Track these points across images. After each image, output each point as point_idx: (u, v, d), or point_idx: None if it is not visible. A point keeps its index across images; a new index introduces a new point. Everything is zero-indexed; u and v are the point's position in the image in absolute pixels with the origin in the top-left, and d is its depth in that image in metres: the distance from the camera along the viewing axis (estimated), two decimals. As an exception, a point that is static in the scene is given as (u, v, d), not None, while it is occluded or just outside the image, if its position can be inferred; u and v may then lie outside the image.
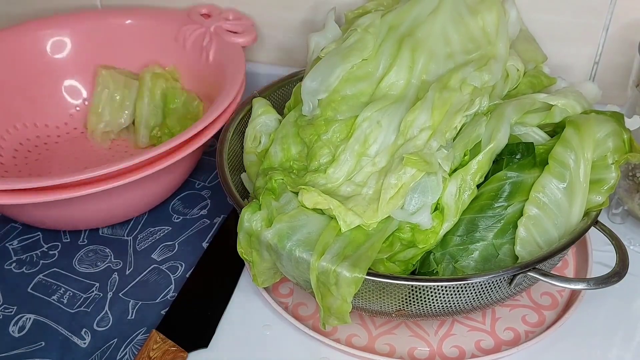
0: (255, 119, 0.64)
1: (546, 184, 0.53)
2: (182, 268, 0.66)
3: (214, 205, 0.73)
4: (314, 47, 0.66)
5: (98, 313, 0.61)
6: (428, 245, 0.53)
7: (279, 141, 0.60)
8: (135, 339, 0.59)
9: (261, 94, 0.68)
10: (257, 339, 0.59)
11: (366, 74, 0.59)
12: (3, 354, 0.58)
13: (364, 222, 0.52)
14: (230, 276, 0.64)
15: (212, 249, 0.67)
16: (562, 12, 0.73)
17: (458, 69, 0.58)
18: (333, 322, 0.52)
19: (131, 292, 0.64)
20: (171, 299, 0.62)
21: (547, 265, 0.53)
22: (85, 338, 0.59)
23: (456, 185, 0.53)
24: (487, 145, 0.54)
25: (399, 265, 0.53)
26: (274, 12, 0.81)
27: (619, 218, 0.70)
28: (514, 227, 0.53)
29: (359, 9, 0.68)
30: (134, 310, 0.62)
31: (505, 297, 0.55)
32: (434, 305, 0.52)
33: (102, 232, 0.70)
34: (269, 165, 0.59)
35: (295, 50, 0.83)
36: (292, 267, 0.52)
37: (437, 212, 0.53)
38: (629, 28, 0.72)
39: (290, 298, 0.62)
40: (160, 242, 0.69)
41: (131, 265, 0.66)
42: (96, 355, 0.58)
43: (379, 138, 0.56)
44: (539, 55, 0.66)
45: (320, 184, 0.55)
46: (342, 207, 0.52)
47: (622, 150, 0.55)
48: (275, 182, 0.56)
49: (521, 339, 0.59)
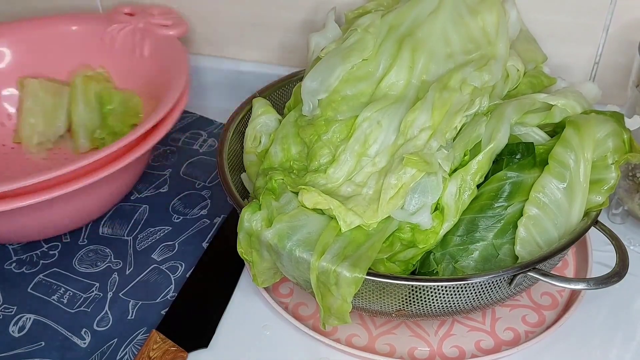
0: (255, 119, 0.64)
1: (546, 184, 0.53)
2: (182, 268, 0.66)
3: (214, 205, 0.73)
4: (314, 47, 0.66)
5: (98, 313, 0.62)
6: (428, 245, 0.53)
7: (279, 141, 0.60)
8: (135, 339, 0.59)
9: (261, 94, 0.68)
10: (257, 339, 0.59)
11: (366, 74, 0.59)
12: (3, 354, 0.58)
13: (364, 222, 0.52)
14: (230, 276, 0.64)
15: (212, 249, 0.67)
16: (562, 12, 0.73)
17: (458, 69, 0.58)
18: (333, 322, 0.52)
19: (131, 292, 0.64)
20: (171, 299, 0.62)
21: (547, 265, 0.53)
22: (85, 338, 0.59)
23: (456, 186, 0.53)
24: (487, 145, 0.54)
25: (399, 265, 0.53)
26: (274, 12, 0.81)
27: (619, 218, 0.70)
28: (514, 227, 0.53)
29: (359, 9, 0.68)
30: (134, 310, 0.62)
31: (505, 297, 0.55)
32: (434, 305, 0.52)
33: (102, 232, 0.70)
34: (269, 165, 0.59)
35: (295, 50, 0.83)
36: (292, 267, 0.52)
37: (437, 212, 0.53)
38: (629, 28, 0.72)
39: (290, 298, 0.62)
40: (160, 242, 0.69)
41: (131, 265, 0.66)
42: (96, 355, 0.58)
43: (379, 138, 0.56)
44: (539, 55, 0.66)
45: (320, 184, 0.55)
46: (343, 207, 0.52)
47: (622, 150, 0.55)
48: (275, 182, 0.56)
49: (521, 339, 0.59)
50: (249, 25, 0.83)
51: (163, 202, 0.74)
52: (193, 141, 0.83)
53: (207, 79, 0.87)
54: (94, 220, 0.71)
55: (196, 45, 0.86)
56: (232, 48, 0.86)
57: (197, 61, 0.87)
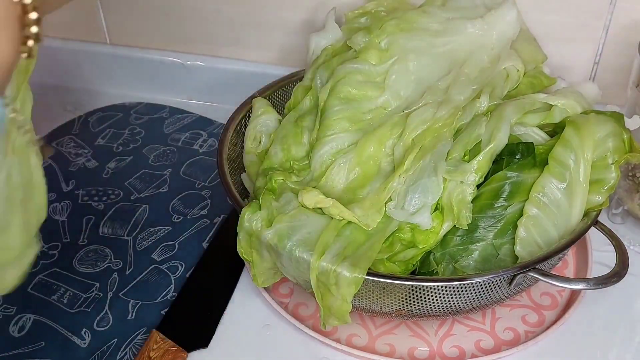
0: (255, 119, 0.64)
1: (546, 184, 0.53)
2: (182, 268, 0.66)
3: (214, 205, 0.73)
4: (314, 47, 0.66)
5: (98, 313, 0.61)
6: (428, 246, 0.53)
7: (279, 141, 0.60)
8: (135, 339, 0.59)
9: (261, 94, 0.68)
10: (257, 339, 0.59)
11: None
12: (3, 354, 0.58)
13: (364, 222, 0.52)
14: (230, 276, 0.64)
15: (212, 248, 0.67)
16: (562, 12, 0.73)
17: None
18: (333, 322, 0.52)
19: (131, 292, 0.64)
20: (171, 299, 0.62)
21: (547, 265, 0.53)
22: (85, 338, 0.59)
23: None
24: (487, 145, 0.54)
25: (399, 265, 0.53)
26: (274, 12, 0.81)
27: (619, 218, 0.70)
28: (513, 227, 0.53)
29: (359, 9, 0.68)
30: (134, 310, 0.62)
31: (505, 297, 0.55)
32: (434, 305, 0.52)
33: (102, 232, 0.70)
34: (269, 166, 0.59)
35: (295, 50, 0.83)
36: (292, 267, 0.52)
37: (437, 212, 0.53)
38: (629, 28, 0.72)
39: (290, 298, 0.62)
40: (160, 242, 0.69)
41: (131, 265, 0.66)
42: (96, 356, 0.58)
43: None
44: (539, 55, 0.66)
45: (321, 185, 0.55)
46: (341, 205, 0.52)
47: (622, 150, 0.55)
48: (275, 182, 0.56)
49: (521, 339, 0.59)
50: (249, 25, 0.83)
51: (163, 202, 0.73)
52: (193, 141, 0.83)
53: (206, 79, 0.87)
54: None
55: (196, 45, 0.86)
56: (232, 48, 0.86)
57: (196, 61, 0.87)
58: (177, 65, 0.87)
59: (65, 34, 0.90)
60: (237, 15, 0.83)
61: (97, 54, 0.90)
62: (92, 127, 0.86)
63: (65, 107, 0.90)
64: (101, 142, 0.83)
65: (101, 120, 0.87)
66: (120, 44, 0.89)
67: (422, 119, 0.56)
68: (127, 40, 0.89)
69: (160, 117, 0.87)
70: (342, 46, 0.64)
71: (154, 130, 0.85)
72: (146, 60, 0.88)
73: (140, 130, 0.85)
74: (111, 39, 0.90)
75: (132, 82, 0.90)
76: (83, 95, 0.91)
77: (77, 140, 0.84)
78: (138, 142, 0.83)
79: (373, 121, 0.58)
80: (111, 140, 0.83)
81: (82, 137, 0.84)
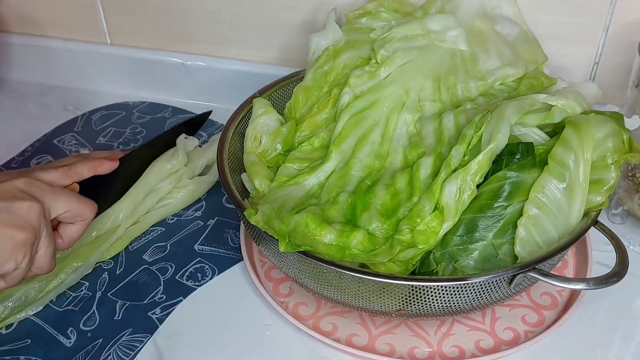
0: (255, 119, 0.64)
1: (546, 184, 0.53)
2: (172, 270, 0.65)
3: (209, 207, 0.73)
4: (315, 48, 0.66)
5: (85, 312, 0.61)
6: (428, 246, 0.53)
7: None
8: (120, 339, 0.59)
9: (261, 94, 0.68)
10: (257, 339, 0.59)
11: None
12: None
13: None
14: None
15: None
16: (562, 12, 0.73)
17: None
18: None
19: (120, 292, 0.63)
20: (159, 301, 0.62)
21: (547, 265, 0.53)
22: (71, 337, 0.59)
23: (456, 186, 0.53)
24: (487, 146, 0.54)
25: (399, 265, 0.53)
26: (274, 12, 0.81)
27: (618, 218, 0.70)
28: (513, 227, 0.53)
29: (360, 10, 0.68)
30: (121, 311, 0.61)
31: (505, 297, 0.55)
32: (434, 305, 0.52)
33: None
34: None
35: (295, 50, 0.83)
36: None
37: (437, 212, 0.53)
38: (629, 29, 0.72)
39: (290, 298, 0.62)
40: (153, 242, 0.69)
41: (122, 265, 0.66)
42: (80, 355, 0.57)
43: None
44: (539, 55, 0.66)
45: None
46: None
47: (621, 150, 0.55)
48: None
49: (521, 338, 0.59)
50: (249, 25, 0.83)
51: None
52: (193, 141, 0.82)
53: (207, 79, 0.88)
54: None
55: (195, 45, 0.86)
56: (232, 48, 0.86)
57: (196, 61, 0.87)
58: (178, 66, 0.88)
59: (66, 35, 0.90)
60: (238, 15, 0.83)
61: (98, 54, 0.90)
62: (94, 125, 0.86)
63: (66, 107, 0.90)
64: (102, 141, 0.83)
65: (104, 119, 0.87)
66: (120, 44, 0.90)
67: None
68: (128, 40, 0.89)
69: (162, 116, 0.87)
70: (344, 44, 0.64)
71: (155, 129, 0.85)
72: (146, 60, 0.88)
73: (141, 130, 0.85)
74: (111, 39, 0.90)
75: (132, 82, 0.91)
76: (83, 96, 0.92)
77: (79, 138, 0.84)
78: (139, 142, 0.83)
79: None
80: (112, 139, 0.84)
81: (83, 135, 0.84)
